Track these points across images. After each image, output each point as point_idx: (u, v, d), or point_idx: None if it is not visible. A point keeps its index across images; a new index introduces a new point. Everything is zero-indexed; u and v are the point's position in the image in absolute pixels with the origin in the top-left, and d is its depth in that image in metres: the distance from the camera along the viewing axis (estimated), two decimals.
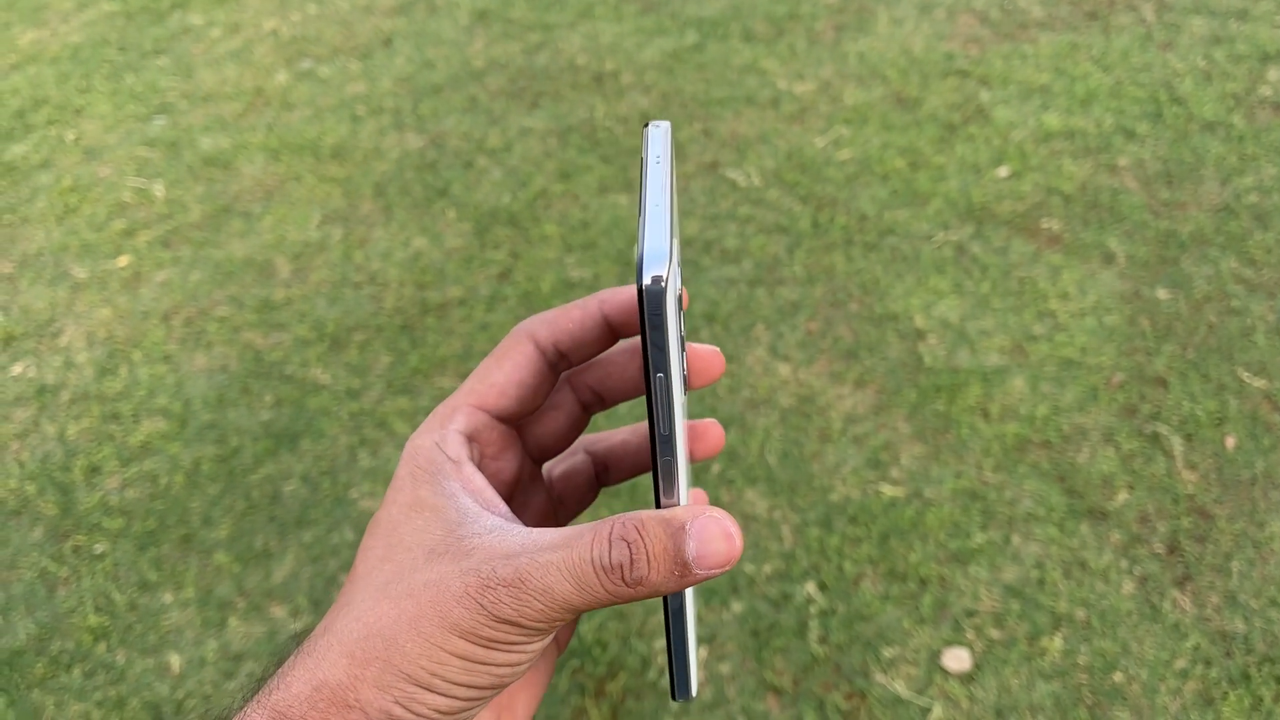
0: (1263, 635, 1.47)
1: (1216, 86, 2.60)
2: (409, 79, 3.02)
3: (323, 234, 2.40)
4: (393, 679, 0.34)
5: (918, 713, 1.42)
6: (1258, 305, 1.98)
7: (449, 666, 0.34)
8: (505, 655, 0.35)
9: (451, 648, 0.34)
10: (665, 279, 0.31)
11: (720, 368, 0.43)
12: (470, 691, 0.35)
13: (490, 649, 0.35)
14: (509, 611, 0.34)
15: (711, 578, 0.35)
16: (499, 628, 0.34)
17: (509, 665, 0.35)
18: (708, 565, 0.34)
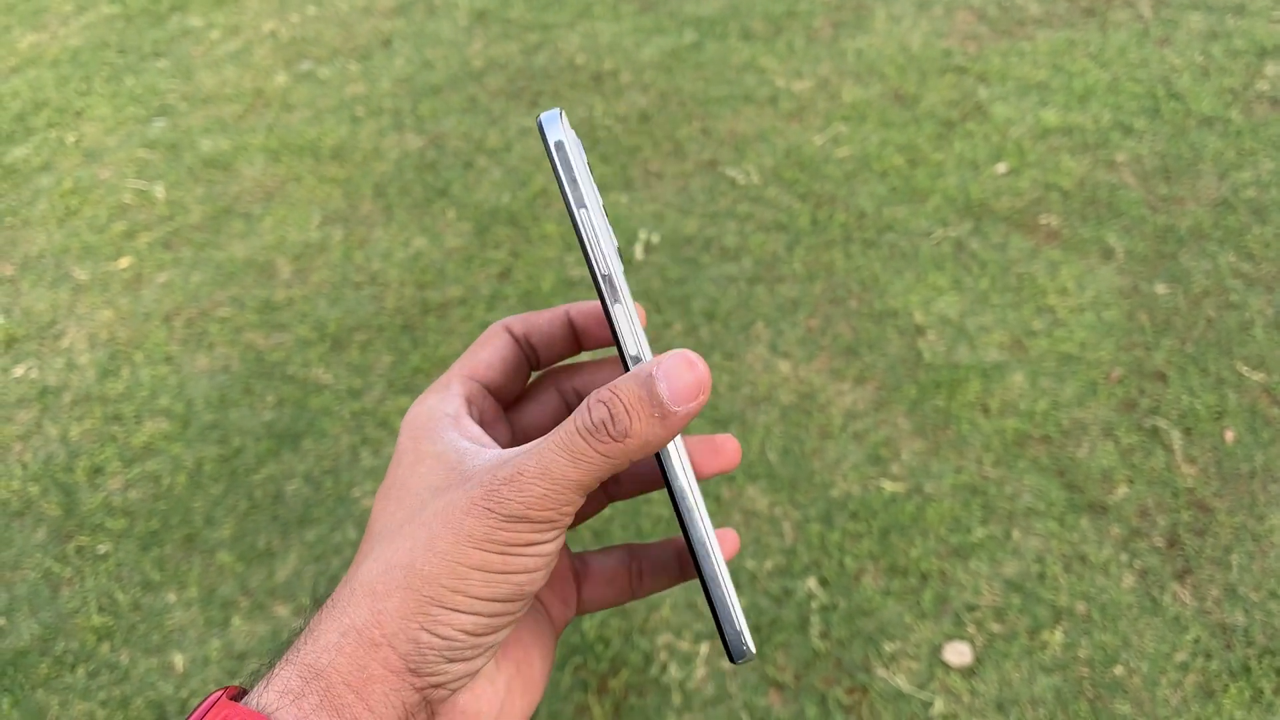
0: (1263, 628, 1.48)
1: (1214, 82, 2.61)
2: (408, 80, 3.03)
3: (323, 234, 2.41)
4: (416, 605, 0.35)
5: (919, 707, 1.42)
6: (1256, 299, 1.98)
7: (469, 580, 0.35)
8: (521, 559, 0.36)
9: (469, 560, 0.35)
10: (563, 136, 0.38)
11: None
12: (493, 606, 0.36)
13: (506, 554, 0.35)
14: (515, 506, 0.35)
15: (692, 414, 0.36)
16: (510, 527, 0.35)
17: (526, 572, 0.36)
18: (683, 400, 0.35)
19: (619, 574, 0.46)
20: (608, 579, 0.46)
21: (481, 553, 0.35)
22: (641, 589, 0.46)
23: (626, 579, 0.46)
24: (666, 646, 1.52)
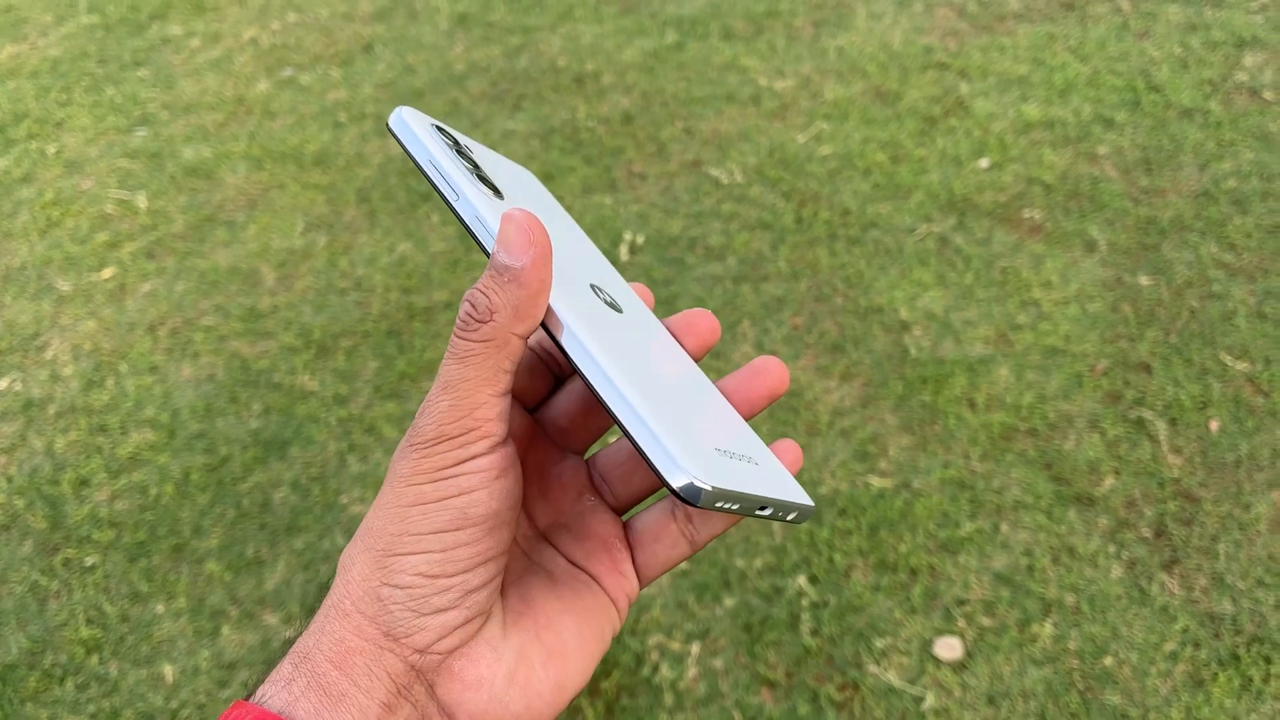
0: (1250, 616, 1.48)
1: (1193, 73, 2.62)
2: (390, 84, 3.02)
3: (307, 241, 2.40)
4: (371, 564, 0.36)
5: (911, 702, 1.43)
6: (1238, 289, 1.99)
7: (410, 519, 0.35)
8: (453, 480, 0.36)
9: (405, 500, 0.35)
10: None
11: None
12: (442, 539, 0.35)
13: (436, 480, 0.35)
14: (429, 429, 0.36)
15: (540, 264, 0.36)
16: (431, 452, 0.35)
17: (464, 493, 0.36)
18: (520, 252, 0.36)
19: (665, 525, 0.43)
20: (655, 535, 0.43)
21: (415, 488, 0.35)
22: (699, 535, 0.43)
23: (675, 529, 0.43)
24: (658, 647, 1.52)
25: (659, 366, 0.41)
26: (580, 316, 0.38)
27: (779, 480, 0.40)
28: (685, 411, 0.39)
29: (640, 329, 0.43)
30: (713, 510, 0.35)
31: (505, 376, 0.36)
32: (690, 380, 0.43)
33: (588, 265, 0.45)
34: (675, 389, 0.40)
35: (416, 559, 0.35)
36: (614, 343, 0.38)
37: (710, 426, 0.39)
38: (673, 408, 0.38)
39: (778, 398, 0.44)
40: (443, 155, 0.40)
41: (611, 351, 0.37)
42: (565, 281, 0.40)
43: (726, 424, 0.41)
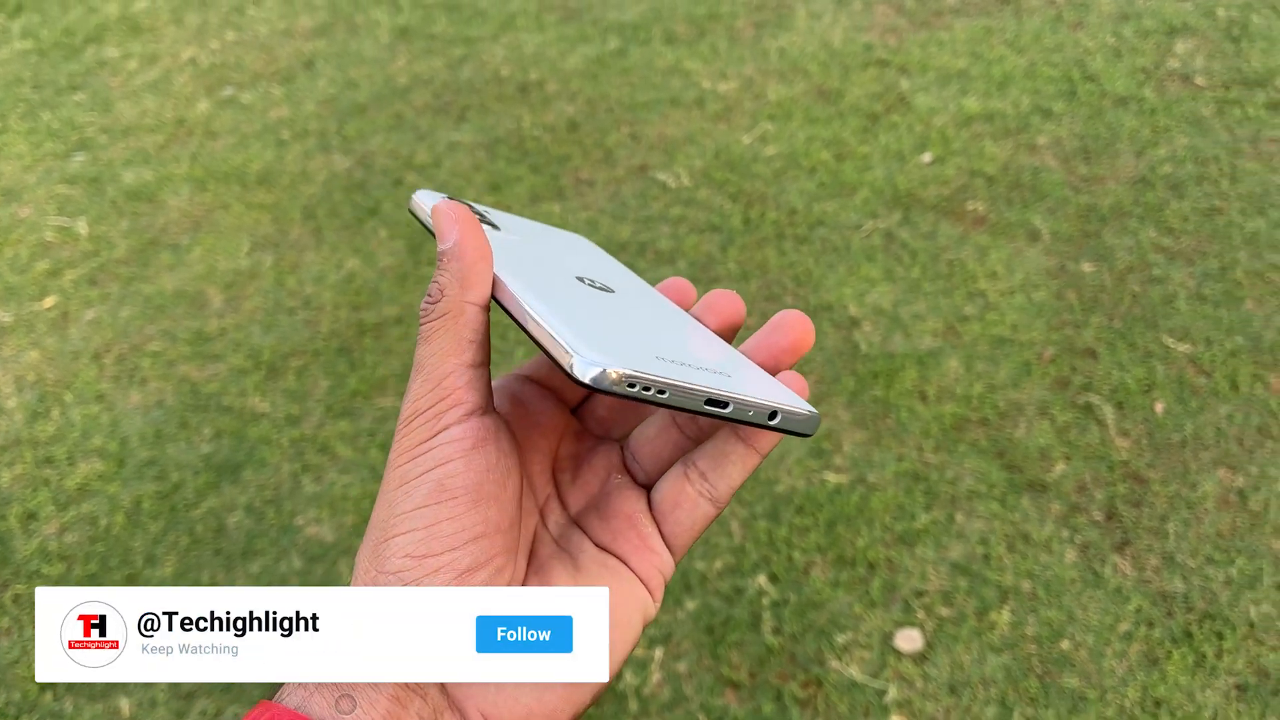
0: (1201, 593, 1.51)
1: (1126, 62, 2.67)
2: (333, 100, 3.00)
3: (253, 261, 2.38)
4: (369, 555, 0.36)
5: (873, 696, 1.43)
6: (1178, 272, 2.03)
7: (395, 501, 0.36)
8: (430, 454, 0.36)
9: (391, 483, 0.37)
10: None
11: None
12: (424, 515, 0.36)
13: (415, 456, 0.37)
14: (405, 409, 0.38)
15: (467, 238, 0.38)
16: (410, 429, 0.37)
17: (440, 464, 0.36)
18: (448, 234, 0.38)
19: (681, 489, 0.42)
20: (674, 502, 0.42)
21: (398, 469, 0.37)
22: (717, 490, 0.41)
23: (692, 490, 0.42)
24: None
25: (623, 314, 0.42)
26: (519, 275, 0.40)
27: (760, 390, 0.38)
28: (632, 331, 0.39)
29: (627, 301, 0.44)
30: (638, 400, 0.34)
31: (470, 346, 0.38)
32: (674, 324, 0.43)
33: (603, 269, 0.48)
34: (633, 321, 0.41)
35: (403, 539, 0.36)
36: (551, 289, 0.40)
37: (668, 345, 0.39)
38: (605, 323, 0.39)
39: (803, 352, 0.43)
40: None
41: (539, 291, 0.39)
42: (541, 274, 0.42)
43: (704, 348, 0.41)
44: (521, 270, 0.41)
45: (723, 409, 0.36)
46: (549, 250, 0.49)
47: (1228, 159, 2.30)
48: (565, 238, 0.54)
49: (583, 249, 0.53)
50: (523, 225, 0.51)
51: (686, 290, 0.48)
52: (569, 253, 0.51)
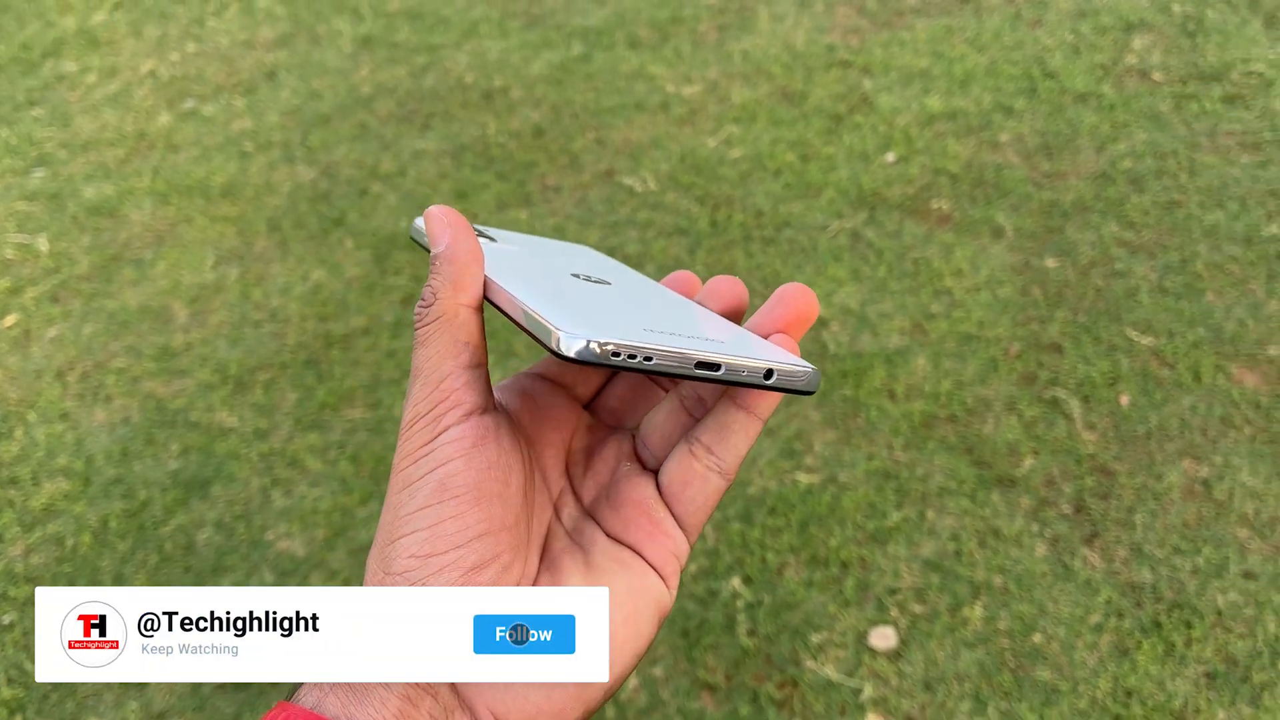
0: (1169, 583, 1.53)
1: (1085, 59, 2.70)
2: (296, 111, 2.98)
3: (219, 275, 2.36)
4: (377, 557, 0.37)
5: (849, 694, 1.44)
6: (1140, 266, 2.05)
7: (400, 504, 0.37)
8: (430, 455, 0.37)
9: (395, 487, 0.37)
10: None
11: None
12: (426, 516, 0.36)
13: (416, 458, 0.37)
14: (405, 414, 0.38)
15: (461, 240, 0.39)
16: (408, 433, 0.38)
17: (442, 464, 0.37)
18: (440, 238, 0.39)
19: (689, 466, 0.41)
20: (683, 481, 0.41)
21: (401, 473, 0.37)
22: (725, 462, 0.41)
23: (700, 467, 0.41)
24: None
25: (616, 299, 0.42)
26: (511, 274, 0.40)
27: (754, 352, 0.38)
28: (622, 311, 0.40)
29: (623, 290, 0.45)
30: (627, 369, 0.35)
31: (466, 348, 0.38)
32: (672, 305, 0.44)
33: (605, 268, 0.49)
34: (627, 304, 0.42)
35: (408, 540, 0.36)
36: (542, 283, 0.41)
37: (662, 321, 0.39)
38: (593, 305, 0.40)
39: (809, 322, 0.42)
40: None
41: (530, 285, 0.40)
42: (534, 272, 0.43)
43: (702, 324, 0.41)
44: (514, 270, 0.42)
45: (715, 371, 0.36)
46: (547, 255, 0.50)
47: (1186, 153, 2.33)
48: (569, 247, 0.55)
49: (585, 254, 0.54)
50: (524, 238, 0.52)
51: (691, 282, 0.48)
52: (569, 256, 0.51)
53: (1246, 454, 1.68)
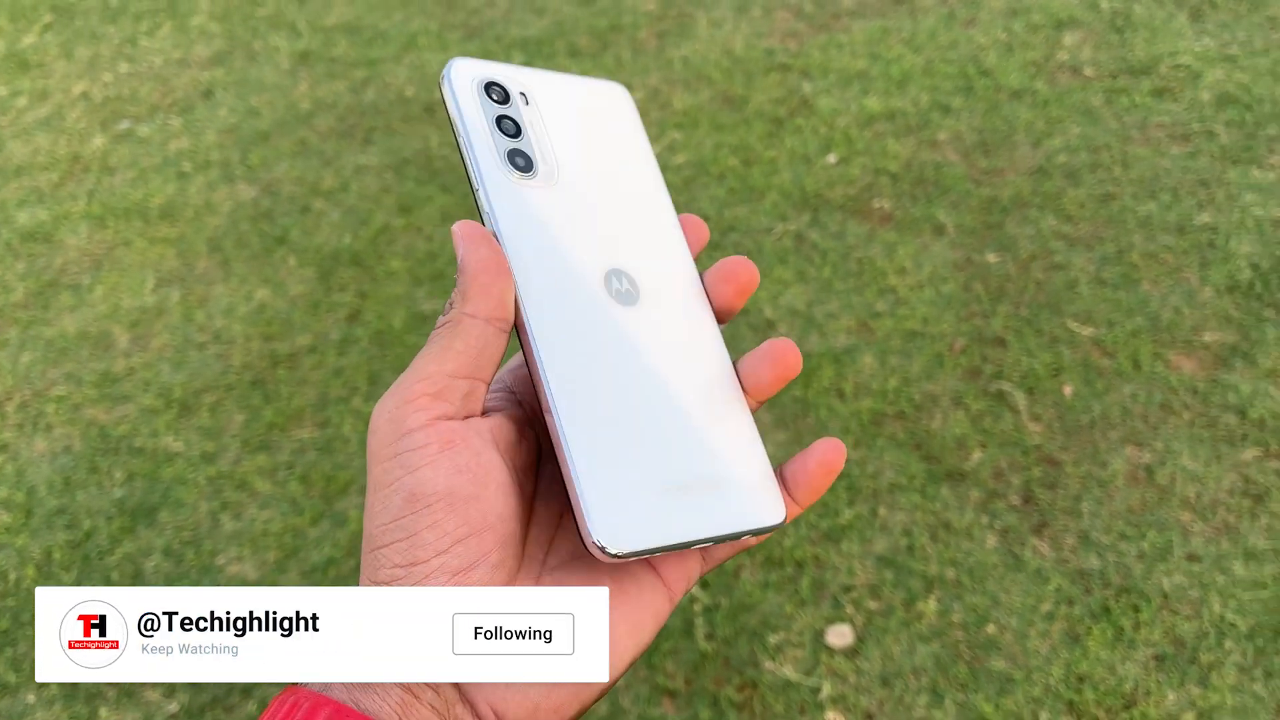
0: (1116, 568, 1.55)
1: (1018, 56, 2.74)
2: (234, 129, 2.94)
3: (160, 297, 2.32)
4: (365, 561, 0.37)
5: (808, 693, 1.45)
6: (1078, 258, 2.09)
7: (375, 513, 0.37)
8: (396, 461, 0.37)
9: (371, 487, 0.37)
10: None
11: (750, 275, 0.44)
12: (401, 526, 0.36)
13: (386, 465, 0.37)
14: (375, 407, 0.38)
15: (474, 252, 0.39)
16: (379, 439, 0.37)
17: (407, 472, 0.36)
18: (460, 252, 0.40)
19: None
20: None
21: (372, 475, 0.37)
22: None
23: None
24: None
25: (643, 372, 0.42)
26: (549, 335, 0.40)
27: (738, 503, 0.41)
28: (645, 437, 0.40)
29: (650, 318, 0.43)
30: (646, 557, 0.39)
31: (457, 356, 0.38)
32: (682, 380, 0.43)
33: (628, 240, 0.45)
34: (649, 402, 0.41)
35: (389, 550, 0.36)
36: (580, 359, 0.40)
37: (674, 449, 0.40)
38: (623, 439, 0.39)
39: (788, 380, 0.44)
40: (477, 132, 0.42)
41: (569, 377, 0.39)
42: (572, 277, 0.42)
43: (702, 437, 0.41)
44: (545, 293, 0.41)
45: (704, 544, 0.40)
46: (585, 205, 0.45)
47: (1119, 146, 2.38)
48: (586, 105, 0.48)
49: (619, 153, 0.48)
50: (552, 95, 0.47)
51: (700, 231, 0.47)
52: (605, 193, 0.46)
53: (1186, 439, 1.72)
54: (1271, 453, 1.68)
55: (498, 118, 0.43)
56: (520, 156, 0.43)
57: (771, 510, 0.42)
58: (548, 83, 0.47)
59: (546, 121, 0.45)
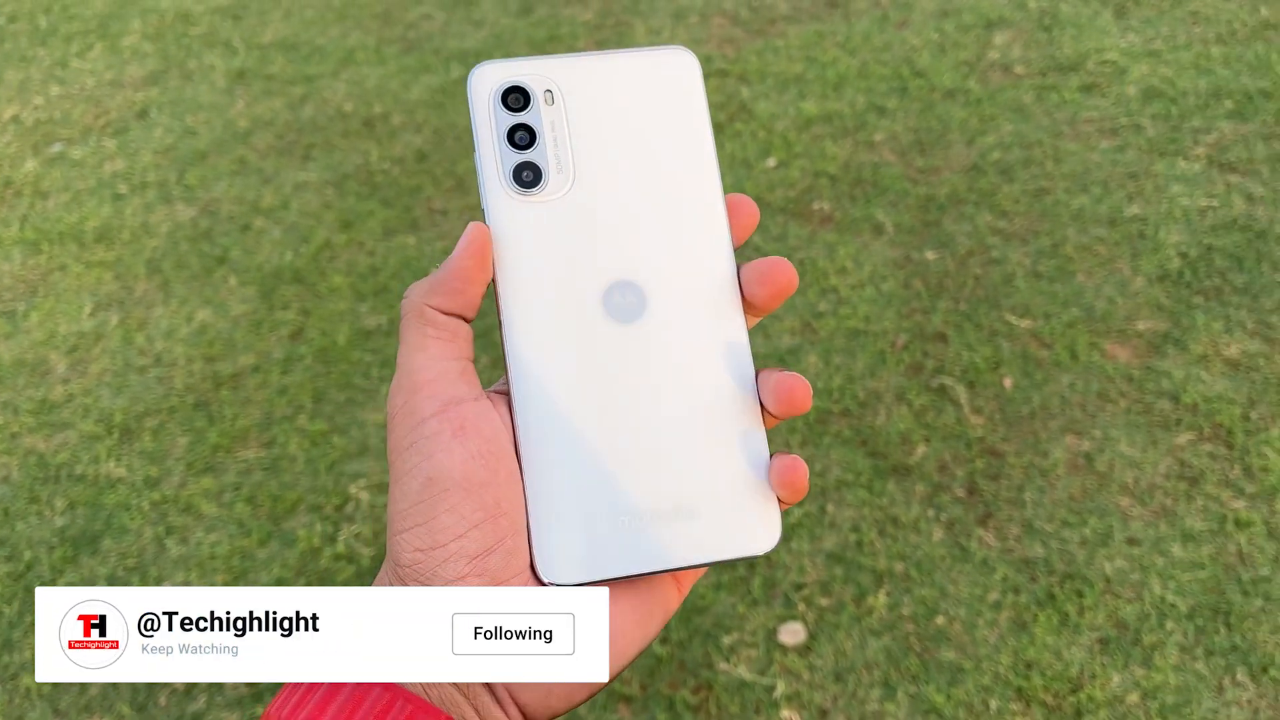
0: (1060, 555, 1.58)
1: (951, 56, 2.79)
2: (171, 149, 2.91)
3: (98, 322, 2.28)
4: (390, 543, 0.38)
5: (763, 692, 1.46)
6: (1014, 252, 2.13)
7: (395, 498, 0.38)
8: (411, 448, 0.38)
9: (392, 474, 0.38)
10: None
11: (789, 279, 0.43)
12: (420, 512, 0.37)
13: (401, 453, 0.38)
14: (387, 404, 0.39)
15: (463, 260, 0.40)
16: (392, 428, 0.39)
17: (422, 459, 0.37)
18: (451, 259, 0.41)
19: None
20: None
21: (392, 464, 0.38)
22: None
23: None
24: None
25: (627, 394, 0.41)
26: (525, 360, 0.40)
27: (716, 531, 0.40)
28: (611, 465, 0.40)
29: (651, 334, 0.42)
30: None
31: (434, 342, 0.39)
32: (676, 399, 0.41)
33: (650, 243, 0.43)
34: (625, 427, 0.40)
35: (409, 535, 0.37)
36: (555, 386, 0.40)
37: (645, 476, 0.40)
38: (585, 468, 0.39)
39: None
40: (485, 146, 0.42)
41: (538, 402, 0.40)
42: (562, 298, 0.41)
43: (684, 461, 0.41)
44: (530, 317, 0.41)
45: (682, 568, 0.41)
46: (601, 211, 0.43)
47: (1050, 141, 2.43)
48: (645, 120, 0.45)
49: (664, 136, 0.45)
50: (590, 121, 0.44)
51: (748, 213, 0.45)
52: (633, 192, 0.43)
53: (1123, 425, 1.76)
54: (1205, 436, 1.73)
55: (511, 129, 0.42)
56: (528, 170, 0.42)
57: (756, 538, 0.41)
58: (591, 69, 0.45)
59: (573, 120, 0.43)
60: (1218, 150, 2.33)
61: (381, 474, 1.84)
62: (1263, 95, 2.48)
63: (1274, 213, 2.14)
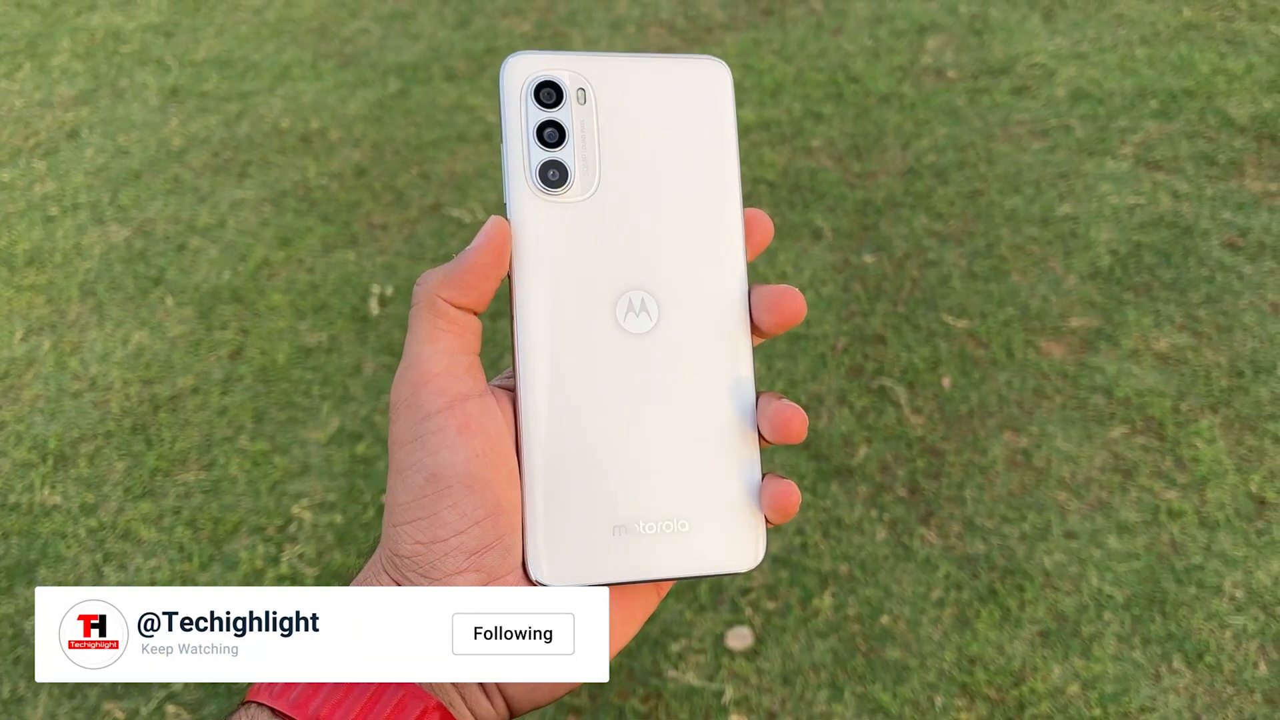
0: (1000, 551, 1.61)
1: (885, 61, 2.83)
2: (103, 169, 2.86)
3: (29, 347, 2.24)
4: (386, 533, 0.38)
5: (712, 698, 1.46)
6: (950, 254, 2.16)
7: (395, 489, 0.38)
8: (416, 442, 0.38)
9: (393, 467, 0.38)
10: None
11: (796, 308, 0.43)
12: (421, 506, 0.37)
13: (405, 445, 0.38)
14: (391, 394, 0.39)
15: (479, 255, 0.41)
16: (395, 418, 0.39)
17: (427, 454, 0.37)
18: (469, 251, 0.41)
19: None
20: None
21: (394, 456, 0.38)
22: None
23: None
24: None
25: (630, 404, 0.41)
26: (534, 362, 0.41)
27: (702, 547, 0.41)
28: (609, 474, 0.41)
29: (660, 345, 0.42)
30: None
31: (444, 335, 0.40)
32: (678, 413, 0.42)
33: (667, 253, 0.43)
34: (626, 437, 0.41)
35: (409, 528, 0.37)
36: (562, 390, 0.41)
37: (640, 487, 0.41)
38: (583, 475, 0.40)
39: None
40: (514, 140, 0.42)
41: (544, 407, 0.40)
42: (577, 301, 0.42)
43: (679, 476, 0.42)
44: (544, 318, 0.42)
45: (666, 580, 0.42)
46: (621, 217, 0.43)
47: (983, 144, 2.47)
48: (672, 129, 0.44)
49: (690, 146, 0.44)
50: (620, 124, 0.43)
51: (764, 229, 0.45)
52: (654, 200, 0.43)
53: (1059, 421, 1.79)
54: (1137, 429, 1.76)
55: (541, 125, 0.42)
56: (555, 169, 0.42)
57: (741, 556, 0.42)
58: (624, 72, 0.44)
59: (604, 121, 0.43)
60: (1144, 149, 2.39)
61: (324, 493, 1.82)
62: (1186, 94, 2.54)
63: (1199, 209, 2.20)
